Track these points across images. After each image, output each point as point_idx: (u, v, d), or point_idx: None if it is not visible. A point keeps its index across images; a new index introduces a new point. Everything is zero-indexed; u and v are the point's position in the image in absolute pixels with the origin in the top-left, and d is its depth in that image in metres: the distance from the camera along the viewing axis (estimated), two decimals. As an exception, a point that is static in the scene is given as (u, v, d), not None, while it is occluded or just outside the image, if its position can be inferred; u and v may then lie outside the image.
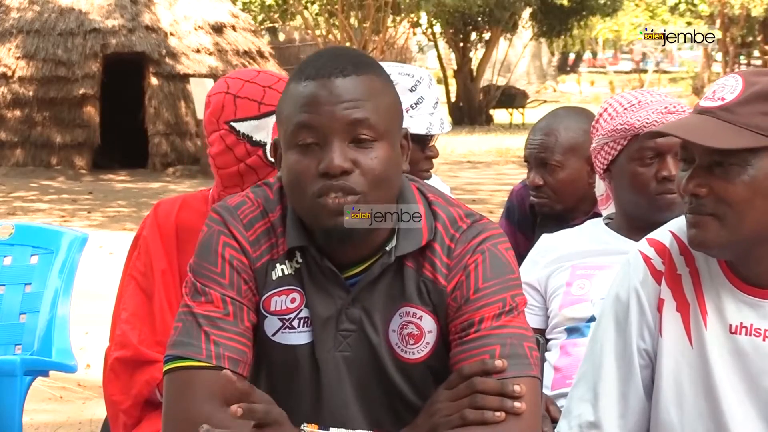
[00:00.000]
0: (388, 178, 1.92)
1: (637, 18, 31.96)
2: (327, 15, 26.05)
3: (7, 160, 16.37)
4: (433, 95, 3.18)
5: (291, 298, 1.98)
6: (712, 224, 1.96)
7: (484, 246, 1.97)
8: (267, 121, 2.59)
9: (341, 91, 1.90)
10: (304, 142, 1.90)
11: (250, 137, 2.61)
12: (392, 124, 1.95)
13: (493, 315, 1.93)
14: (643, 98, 2.85)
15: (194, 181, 15.45)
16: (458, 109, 28.31)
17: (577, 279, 2.86)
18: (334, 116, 1.89)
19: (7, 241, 3.73)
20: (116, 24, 16.58)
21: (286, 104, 1.95)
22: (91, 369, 5.71)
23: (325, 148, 1.89)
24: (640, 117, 2.81)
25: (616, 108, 2.86)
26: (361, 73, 1.92)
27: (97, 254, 8.80)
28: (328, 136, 1.89)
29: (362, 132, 1.89)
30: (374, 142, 1.90)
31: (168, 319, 2.52)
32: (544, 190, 3.33)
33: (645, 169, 2.82)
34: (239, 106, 2.62)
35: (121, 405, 2.60)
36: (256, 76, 2.67)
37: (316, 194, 1.89)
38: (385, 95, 1.95)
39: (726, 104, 1.95)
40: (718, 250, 2.00)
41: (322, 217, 1.90)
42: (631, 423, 2.13)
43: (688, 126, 1.98)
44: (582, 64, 47.58)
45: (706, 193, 1.96)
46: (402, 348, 1.98)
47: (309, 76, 1.92)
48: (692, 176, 1.97)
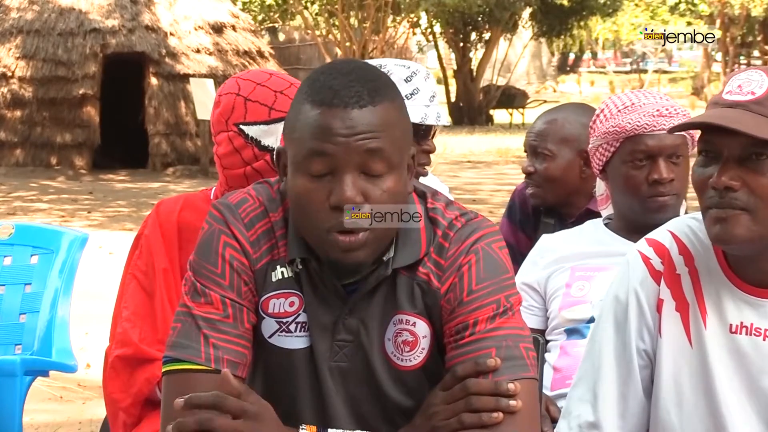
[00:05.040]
0: None
1: (637, 18, 31.94)
2: (327, 15, 26.07)
3: (7, 160, 16.37)
4: (429, 89, 3.18)
5: (290, 301, 1.97)
6: (743, 219, 1.94)
7: (477, 246, 1.95)
8: (276, 126, 2.58)
9: (356, 123, 1.86)
10: (316, 171, 1.87)
11: (259, 141, 2.60)
12: (404, 154, 1.92)
13: (488, 317, 1.92)
14: (637, 100, 2.86)
15: (194, 181, 15.45)
16: (458, 109, 28.31)
17: (576, 281, 2.87)
18: (349, 147, 1.85)
19: (7, 241, 3.73)
20: (116, 24, 16.58)
21: (297, 125, 1.90)
22: (91, 369, 5.71)
23: (337, 178, 1.86)
24: (631, 120, 2.82)
25: (611, 109, 2.87)
26: (377, 102, 1.87)
27: (97, 254, 8.80)
28: (341, 167, 1.86)
29: (376, 164, 1.87)
30: (385, 174, 1.88)
31: (169, 318, 2.51)
32: (535, 178, 3.33)
33: (637, 172, 2.83)
34: (249, 109, 2.61)
35: (121, 403, 2.59)
36: (268, 79, 2.65)
37: (326, 228, 1.87)
38: (399, 124, 1.91)
39: (758, 98, 1.94)
40: (745, 246, 1.98)
41: (329, 252, 1.89)
42: (631, 423, 2.12)
43: (726, 117, 1.95)
44: (582, 64, 47.57)
45: (740, 186, 1.94)
46: (398, 356, 1.97)
47: (324, 102, 1.87)
48: (724, 169, 1.94)
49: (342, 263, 1.90)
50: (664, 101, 2.87)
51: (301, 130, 1.89)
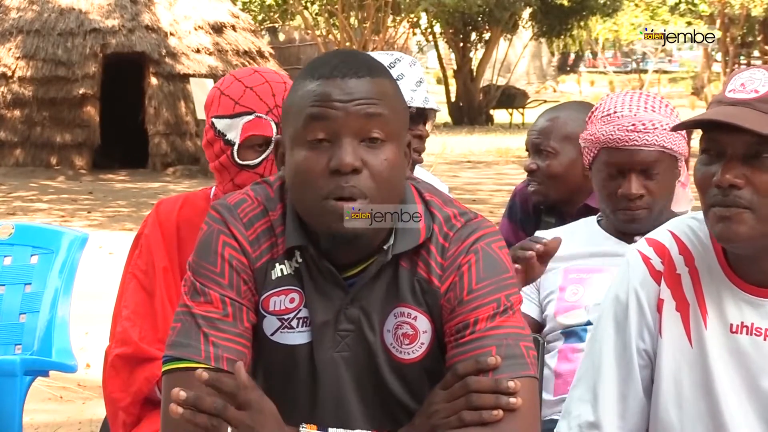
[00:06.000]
0: (394, 181, 1.92)
1: (637, 18, 31.95)
2: (327, 15, 26.07)
3: (7, 160, 16.38)
4: (415, 75, 3.20)
5: (290, 298, 1.98)
6: (746, 217, 1.94)
7: (477, 245, 1.96)
8: (237, 121, 2.59)
9: (355, 90, 1.89)
10: (315, 137, 1.89)
11: (224, 135, 2.62)
12: (401, 128, 1.95)
13: (488, 316, 1.92)
14: (620, 109, 2.83)
15: (194, 181, 15.45)
16: (458, 109, 28.33)
17: (570, 284, 2.87)
18: (348, 111, 1.88)
19: (7, 241, 3.73)
20: (116, 24, 16.58)
21: (295, 100, 1.93)
22: (91, 369, 5.71)
23: (336, 145, 1.88)
24: (606, 132, 2.81)
25: (597, 114, 2.87)
26: (375, 76, 1.92)
27: (97, 254, 8.80)
28: (341, 132, 1.88)
29: (375, 130, 1.89)
30: (384, 143, 1.90)
31: (169, 317, 2.52)
32: (537, 175, 3.34)
33: (609, 183, 2.84)
34: (221, 102, 2.63)
35: (121, 402, 2.59)
36: (248, 75, 2.67)
37: (323, 195, 1.88)
38: (396, 99, 1.95)
39: (762, 96, 1.94)
40: (748, 244, 1.98)
41: (327, 220, 1.89)
42: (631, 423, 2.12)
43: (731, 114, 1.95)
44: (582, 64, 47.58)
45: (744, 183, 1.94)
46: (397, 348, 1.98)
47: (322, 75, 1.91)
48: (728, 167, 1.94)
49: (340, 233, 1.89)
50: (646, 114, 2.82)
51: (299, 103, 1.92)
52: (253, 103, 2.58)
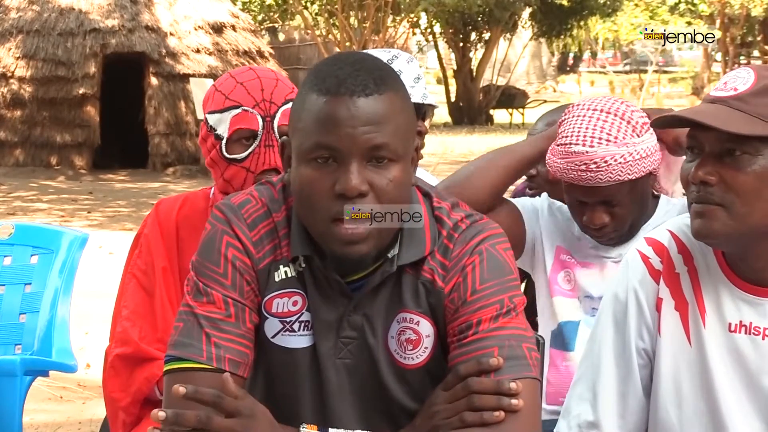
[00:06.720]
0: (400, 200, 1.91)
1: (637, 18, 31.94)
2: (327, 15, 26.05)
3: (7, 160, 16.37)
4: (413, 71, 3.21)
5: (293, 301, 1.97)
6: (719, 214, 1.96)
7: (482, 246, 1.96)
8: (226, 115, 2.60)
9: (362, 112, 1.86)
10: (320, 155, 1.87)
11: (215, 130, 2.62)
12: (408, 145, 1.93)
13: (491, 317, 1.92)
14: (575, 140, 2.67)
15: (194, 181, 15.45)
16: (458, 109, 28.33)
17: (561, 268, 2.86)
18: (355, 139, 1.85)
19: (7, 241, 3.74)
20: (116, 24, 16.57)
21: (302, 115, 1.90)
22: (91, 369, 5.72)
23: (342, 167, 1.86)
24: (560, 166, 2.71)
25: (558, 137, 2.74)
26: (383, 91, 1.88)
27: (97, 254, 8.80)
28: (347, 154, 1.86)
29: (381, 154, 1.87)
30: (391, 162, 1.88)
31: (169, 317, 2.52)
32: (537, 180, 3.34)
33: (574, 209, 2.80)
34: (214, 98, 2.64)
35: (121, 402, 2.59)
36: (242, 72, 2.68)
37: (329, 217, 1.87)
38: (403, 113, 1.92)
39: (739, 94, 1.97)
40: (723, 241, 2.00)
41: (333, 245, 1.89)
42: (630, 422, 2.13)
43: (702, 112, 1.98)
44: (582, 64, 47.58)
45: (716, 181, 1.96)
46: (401, 354, 1.97)
47: (330, 90, 1.87)
48: (702, 164, 1.97)
49: (345, 256, 1.90)
50: (600, 148, 2.64)
51: (306, 120, 1.89)
52: (241, 97, 2.59)
